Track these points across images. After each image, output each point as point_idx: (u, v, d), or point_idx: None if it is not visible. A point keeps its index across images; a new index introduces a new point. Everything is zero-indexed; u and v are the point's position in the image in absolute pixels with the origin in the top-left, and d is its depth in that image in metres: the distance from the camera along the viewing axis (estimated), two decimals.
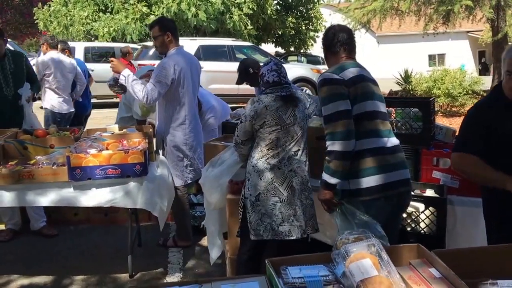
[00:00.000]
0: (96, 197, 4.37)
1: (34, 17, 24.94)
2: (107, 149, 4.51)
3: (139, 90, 4.75)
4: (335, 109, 3.11)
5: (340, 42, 3.38)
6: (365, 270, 1.77)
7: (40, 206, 5.31)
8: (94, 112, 8.85)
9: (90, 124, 8.97)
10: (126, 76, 4.79)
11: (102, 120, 5.63)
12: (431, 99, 4.09)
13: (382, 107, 3.34)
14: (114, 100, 16.06)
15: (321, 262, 2.03)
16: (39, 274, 4.72)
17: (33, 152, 4.63)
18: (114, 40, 20.73)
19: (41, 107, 7.81)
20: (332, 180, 3.17)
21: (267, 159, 3.68)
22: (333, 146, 3.10)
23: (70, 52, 8.28)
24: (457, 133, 4.10)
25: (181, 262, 4.97)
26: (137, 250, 4.72)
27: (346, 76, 3.18)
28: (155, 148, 5.02)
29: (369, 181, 3.15)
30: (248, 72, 5.31)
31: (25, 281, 4.62)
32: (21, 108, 5.57)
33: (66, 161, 4.23)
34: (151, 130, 5.05)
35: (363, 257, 1.81)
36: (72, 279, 4.65)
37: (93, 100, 5.82)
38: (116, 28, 20.67)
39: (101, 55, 17.76)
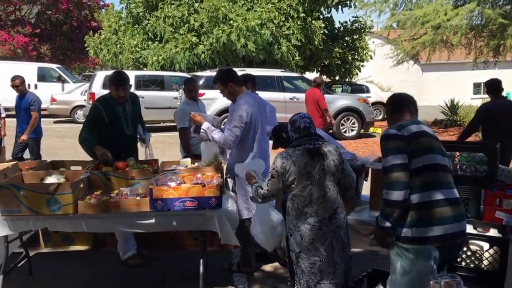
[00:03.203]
0: (174, 225, 4.75)
1: (85, 44, 25.75)
2: (184, 182, 4.82)
3: (218, 138, 5.13)
4: (392, 162, 3.39)
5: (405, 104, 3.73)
6: None
7: (130, 238, 5.72)
8: None
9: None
10: (206, 128, 5.22)
11: (153, 144, 6.12)
12: (497, 145, 4.27)
13: (444, 161, 3.54)
14: (161, 124, 16.73)
15: None
16: None
17: (115, 183, 4.97)
18: (162, 68, 21.28)
19: None
20: (385, 224, 3.46)
21: (306, 218, 3.83)
22: (387, 195, 3.39)
23: None
24: None
25: (246, 286, 5.25)
26: (204, 273, 4.99)
27: (408, 131, 3.48)
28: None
29: (432, 230, 3.34)
30: (281, 137, 5.44)
31: None
32: (136, 146, 6.04)
33: (149, 193, 4.57)
34: (222, 165, 5.36)
35: None
36: None
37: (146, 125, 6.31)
38: (165, 57, 21.19)
39: (151, 83, 18.34)
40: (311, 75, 24.29)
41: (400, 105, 3.74)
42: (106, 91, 6.15)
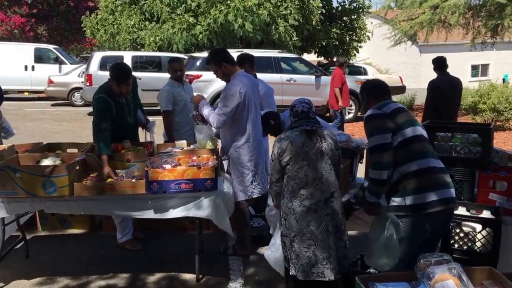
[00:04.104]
0: (170, 209, 4.74)
1: (82, 25, 25.58)
2: (179, 164, 4.84)
3: (207, 114, 5.13)
4: (376, 143, 3.59)
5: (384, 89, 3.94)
6: None
7: (127, 220, 5.72)
8: None
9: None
10: (201, 105, 5.22)
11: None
12: (491, 126, 4.30)
13: (426, 133, 3.74)
14: (158, 107, 16.24)
15: (403, 280, 2.32)
16: (114, 276, 5.12)
17: (111, 165, 4.99)
18: (160, 49, 21.18)
19: None
20: (373, 200, 3.71)
21: (302, 200, 3.81)
22: (372, 174, 3.63)
23: None
24: None
25: (242, 269, 5.28)
26: (200, 256, 5.03)
27: (389, 108, 3.67)
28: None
29: (423, 197, 3.47)
30: (269, 124, 5.43)
31: (102, 282, 5.02)
32: (137, 132, 5.92)
33: (145, 175, 4.59)
34: (218, 147, 5.37)
35: (447, 279, 2.09)
36: (144, 282, 5.03)
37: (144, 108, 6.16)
38: (162, 38, 21.06)
39: (148, 64, 18.26)
40: (308, 56, 24.23)
41: (381, 90, 3.91)
42: (104, 73, 6.05)
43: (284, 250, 4.01)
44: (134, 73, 5.98)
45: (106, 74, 5.85)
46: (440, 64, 8.32)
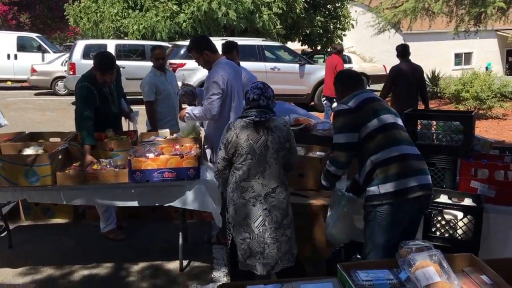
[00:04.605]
0: (154, 198, 4.74)
1: (65, 13, 25.32)
2: (162, 153, 4.82)
3: (199, 112, 5.07)
4: (337, 140, 3.68)
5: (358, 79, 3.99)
6: (429, 276, 2.08)
7: (111, 210, 5.69)
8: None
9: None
10: (190, 112, 5.14)
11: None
12: (472, 113, 4.33)
13: (399, 121, 3.72)
14: (142, 97, 16.19)
15: (384, 268, 2.34)
16: (97, 266, 5.12)
17: (94, 154, 4.96)
18: (143, 37, 21.03)
19: None
20: (325, 184, 3.91)
21: (242, 193, 3.75)
22: (328, 166, 3.79)
23: None
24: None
25: (225, 258, 5.25)
26: (184, 245, 5.05)
27: (358, 99, 3.67)
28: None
29: (400, 184, 3.48)
30: None
31: (86, 272, 5.02)
32: (120, 122, 5.84)
33: (127, 164, 4.57)
34: (201, 136, 5.36)
35: (428, 265, 2.12)
36: (128, 271, 5.03)
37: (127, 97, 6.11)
38: (146, 26, 20.92)
39: (132, 53, 18.13)
40: (292, 45, 24.20)
41: (354, 81, 3.93)
42: (87, 62, 5.99)
43: (228, 234, 4.00)
44: (118, 62, 5.94)
45: (89, 63, 5.80)
46: (402, 52, 8.85)
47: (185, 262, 5.09)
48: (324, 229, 4.08)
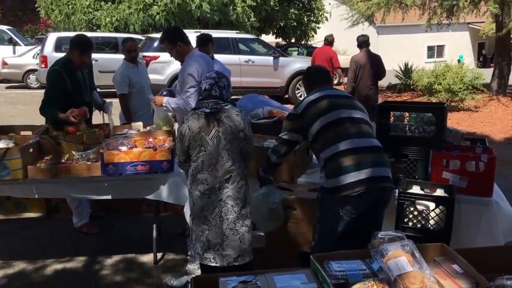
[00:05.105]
0: (127, 190, 4.72)
1: (36, 5, 24.95)
2: (135, 146, 4.78)
3: (176, 105, 5.00)
4: (283, 136, 3.89)
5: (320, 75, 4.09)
6: (401, 266, 2.09)
7: (84, 204, 5.64)
8: None
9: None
10: (166, 103, 5.08)
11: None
12: (445, 105, 4.38)
13: (353, 113, 3.74)
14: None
15: (357, 258, 2.36)
16: (70, 260, 5.09)
17: (66, 147, 4.90)
18: (116, 30, 20.83)
19: None
20: (261, 173, 4.08)
21: (198, 185, 3.72)
22: (271, 156, 3.97)
23: None
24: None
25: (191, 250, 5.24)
26: (158, 238, 5.04)
27: (308, 100, 3.79)
28: None
29: (342, 179, 3.49)
30: None
31: (59, 266, 4.98)
32: (92, 113, 5.75)
33: (100, 158, 4.52)
34: (174, 128, 5.32)
35: (400, 255, 2.13)
36: (102, 265, 5.00)
37: (98, 90, 6.04)
38: (118, 18, 20.74)
39: (104, 45, 17.95)
40: (267, 38, 24.21)
41: (317, 78, 4.03)
42: (59, 54, 5.91)
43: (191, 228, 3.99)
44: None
45: (61, 56, 5.73)
46: (362, 42, 9.67)
47: (159, 255, 5.08)
48: (298, 221, 4.09)
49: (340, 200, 3.52)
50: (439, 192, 4.00)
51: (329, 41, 13.06)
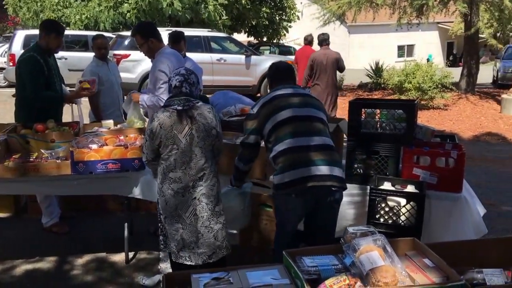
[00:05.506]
0: (97, 187, 4.69)
1: (3, 2, 24.51)
2: (106, 144, 4.73)
3: (151, 102, 4.96)
4: (243, 140, 3.89)
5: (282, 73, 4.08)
6: (373, 261, 2.11)
7: (52, 203, 5.53)
8: None
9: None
10: (142, 100, 5.05)
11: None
12: (415, 102, 4.42)
13: (304, 112, 3.76)
14: None
15: (330, 253, 2.36)
16: (40, 260, 5.00)
17: (34, 146, 4.81)
18: (86, 28, 20.57)
19: None
20: (234, 183, 4.20)
21: (170, 184, 3.69)
22: (238, 164, 4.03)
23: None
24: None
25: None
26: (130, 237, 4.98)
27: (264, 100, 3.85)
28: None
29: (282, 177, 3.58)
30: None
31: (29, 266, 4.89)
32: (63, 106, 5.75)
33: (70, 156, 4.45)
34: (145, 126, 5.27)
35: (372, 250, 2.15)
36: (72, 265, 4.92)
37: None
38: (88, 16, 20.49)
39: (74, 44, 17.71)
40: (239, 36, 24.18)
41: (281, 74, 4.04)
42: None
43: (160, 227, 3.97)
44: (60, 53, 5.83)
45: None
46: (322, 41, 10.41)
47: (131, 254, 5.03)
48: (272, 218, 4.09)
49: (283, 198, 3.62)
50: (410, 188, 4.03)
51: (308, 40, 13.10)
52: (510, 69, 20.24)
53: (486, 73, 22.36)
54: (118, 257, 5.04)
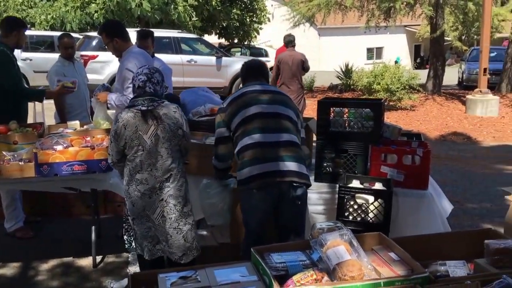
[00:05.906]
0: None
1: None
2: (71, 145, 4.64)
3: (120, 102, 4.77)
4: (216, 136, 3.88)
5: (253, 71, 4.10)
6: (340, 255, 2.11)
7: (17, 207, 5.42)
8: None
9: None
10: (110, 99, 4.86)
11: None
12: (382, 100, 4.45)
13: (269, 108, 3.77)
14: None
15: (297, 249, 2.36)
16: (3, 266, 4.87)
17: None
18: (52, 28, 20.24)
19: None
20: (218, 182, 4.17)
21: (137, 185, 3.63)
22: (214, 162, 4.00)
23: None
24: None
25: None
26: (98, 241, 4.89)
27: (232, 96, 3.90)
28: None
29: (242, 173, 3.62)
30: None
31: None
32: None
33: (34, 158, 4.36)
34: None
35: (338, 244, 2.15)
36: (37, 270, 4.81)
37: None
38: (54, 16, 20.16)
39: (40, 44, 17.42)
40: (209, 38, 24.11)
41: (252, 72, 4.06)
42: None
43: (126, 229, 3.95)
44: (25, 54, 5.74)
45: None
46: (287, 42, 10.59)
47: (98, 258, 4.94)
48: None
49: (247, 194, 3.63)
50: (378, 185, 4.06)
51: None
52: (474, 71, 20.52)
53: (452, 75, 22.75)
54: (86, 261, 4.94)
